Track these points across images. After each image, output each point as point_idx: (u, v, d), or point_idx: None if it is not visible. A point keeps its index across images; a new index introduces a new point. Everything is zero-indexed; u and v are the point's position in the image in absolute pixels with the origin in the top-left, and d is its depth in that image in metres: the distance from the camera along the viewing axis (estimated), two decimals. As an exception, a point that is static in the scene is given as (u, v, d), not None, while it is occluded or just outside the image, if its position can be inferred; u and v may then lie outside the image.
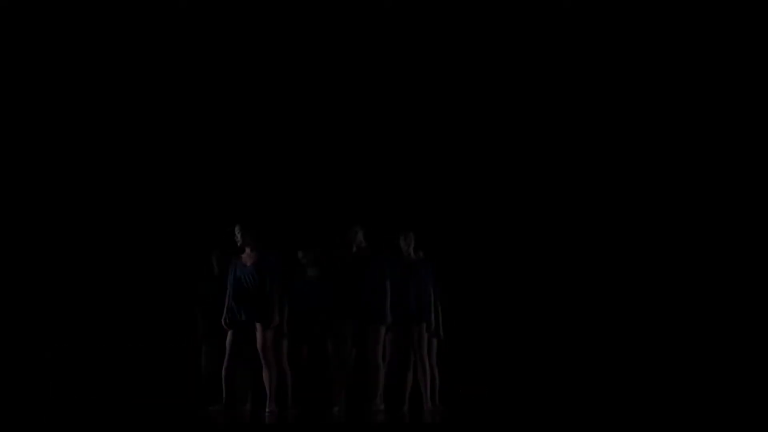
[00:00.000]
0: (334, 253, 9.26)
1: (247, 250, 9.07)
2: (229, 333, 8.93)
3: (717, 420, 7.60)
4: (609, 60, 11.64)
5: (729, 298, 11.26)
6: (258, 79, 11.67)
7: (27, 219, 11.46)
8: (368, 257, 9.16)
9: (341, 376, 9.07)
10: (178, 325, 10.62)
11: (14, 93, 11.50)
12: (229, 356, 8.88)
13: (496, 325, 10.89)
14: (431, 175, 11.51)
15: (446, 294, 10.12)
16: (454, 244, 10.52)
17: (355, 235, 9.19)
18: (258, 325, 8.86)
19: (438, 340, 9.76)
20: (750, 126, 11.54)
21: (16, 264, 11.34)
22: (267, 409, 8.83)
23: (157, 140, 11.62)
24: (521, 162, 11.72)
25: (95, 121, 11.62)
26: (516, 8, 11.61)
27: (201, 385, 9.71)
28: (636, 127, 11.66)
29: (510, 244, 11.42)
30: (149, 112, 11.64)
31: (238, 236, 9.06)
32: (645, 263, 11.41)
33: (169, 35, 11.53)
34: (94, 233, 11.49)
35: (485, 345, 10.64)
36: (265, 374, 8.91)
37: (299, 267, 9.59)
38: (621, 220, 11.54)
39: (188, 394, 9.89)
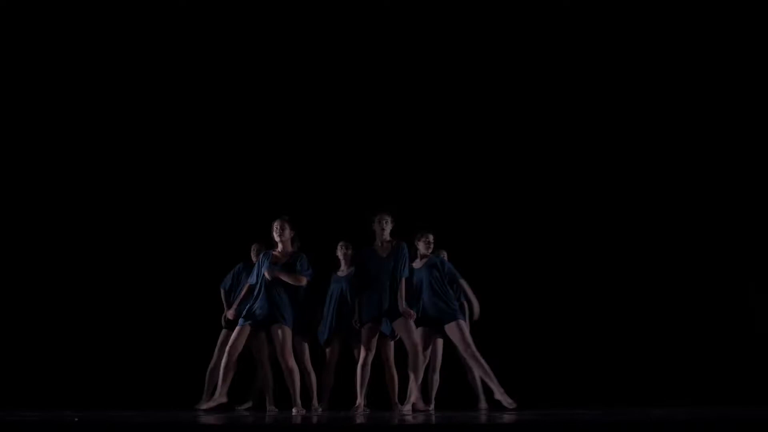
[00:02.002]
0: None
1: (282, 247, 8.74)
2: (245, 328, 8.58)
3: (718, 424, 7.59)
4: (609, 60, 11.64)
5: (730, 298, 11.28)
6: (273, 78, 11.72)
7: (28, 219, 11.49)
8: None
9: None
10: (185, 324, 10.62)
11: (14, 93, 11.52)
12: (230, 353, 8.60)
13: (496, 325, 10.88)
14: (428, 175, 11.53)
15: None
16: (454, 243, 10.50)
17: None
18: (282, 327, 8.57)
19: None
20: (750, 126, 11.55)
21: (18, 264, 11.36)
22: (294, 410, 8.66)
23: (169, 135, 11.63)
24: (520, 162, 11.73)
25: (112, 114, 11.65)
26: (516, 8, 11.62)
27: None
28: (636, 128, 11.67)
29: (511, 244, 11.42)
30: (165, 109, 11.66)
31: (280, 231, 8.68)
32: (644, 263, 11.43)
33: (183, 31, 11.57)
34: (101, 233, 11.50)
35: (485, 345, 10.61)
36: (286, 375, 8.67)
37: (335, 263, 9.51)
38: (621, 219, 11.54)
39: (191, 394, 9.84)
